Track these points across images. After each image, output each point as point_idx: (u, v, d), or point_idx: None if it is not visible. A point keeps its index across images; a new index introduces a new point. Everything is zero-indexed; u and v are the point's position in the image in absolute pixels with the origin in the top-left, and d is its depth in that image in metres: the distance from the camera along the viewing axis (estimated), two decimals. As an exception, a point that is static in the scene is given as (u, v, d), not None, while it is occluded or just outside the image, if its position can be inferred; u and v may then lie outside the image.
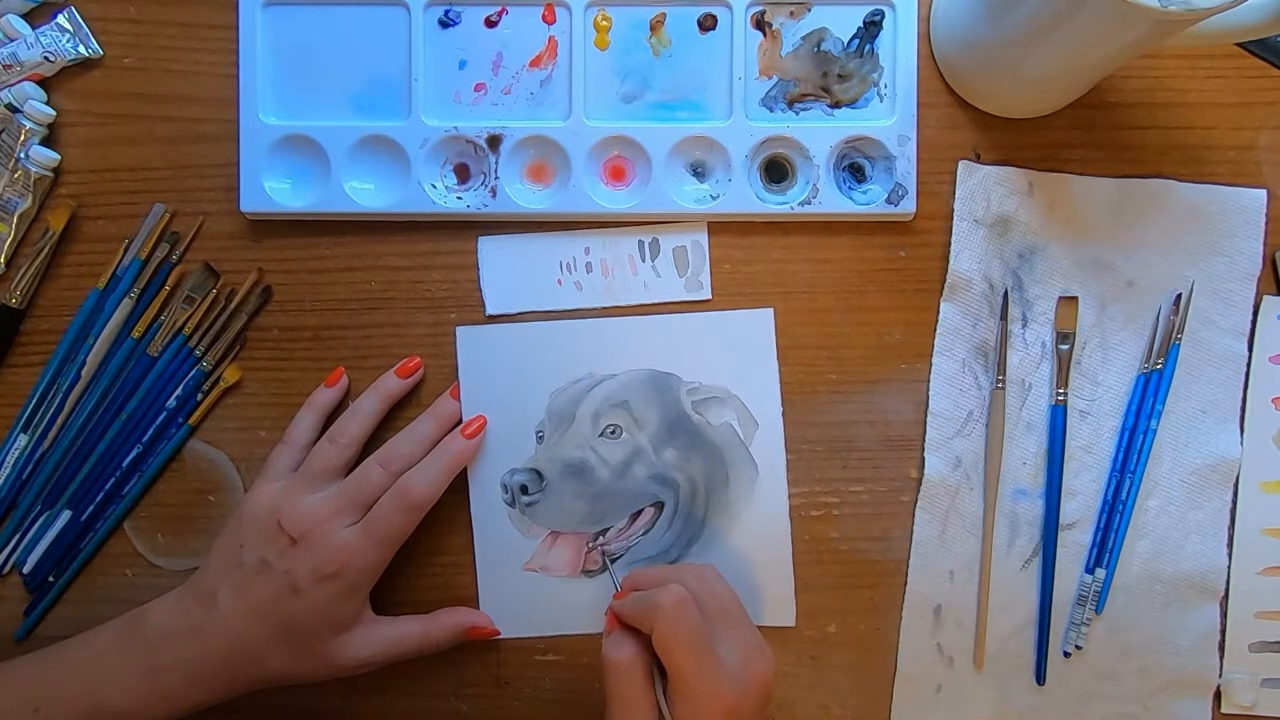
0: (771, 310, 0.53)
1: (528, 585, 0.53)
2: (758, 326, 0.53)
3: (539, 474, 0.52)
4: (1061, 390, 0.52)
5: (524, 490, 0.52)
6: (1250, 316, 0.53)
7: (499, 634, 0.52)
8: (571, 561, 0.53)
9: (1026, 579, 0.53)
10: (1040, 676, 0.52)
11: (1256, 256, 0.53)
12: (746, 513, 0.53)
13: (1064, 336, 0.53)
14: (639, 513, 0.53)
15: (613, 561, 0.52)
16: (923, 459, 0.53)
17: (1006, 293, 0.53)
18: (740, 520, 0.53)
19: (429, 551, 0.53)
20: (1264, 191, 0.53)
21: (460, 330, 0.53)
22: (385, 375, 0.52)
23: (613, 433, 0.52)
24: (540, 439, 0.53)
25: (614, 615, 0.46)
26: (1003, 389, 0.52)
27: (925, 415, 0.53)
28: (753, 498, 0.53)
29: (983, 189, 0.53)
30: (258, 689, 0.48)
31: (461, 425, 0.52)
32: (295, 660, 0.47)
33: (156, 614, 0.48)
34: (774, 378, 0.53)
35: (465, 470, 0.52)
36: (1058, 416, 0.52)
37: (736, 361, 0.53)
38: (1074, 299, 0.53)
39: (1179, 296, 0.52)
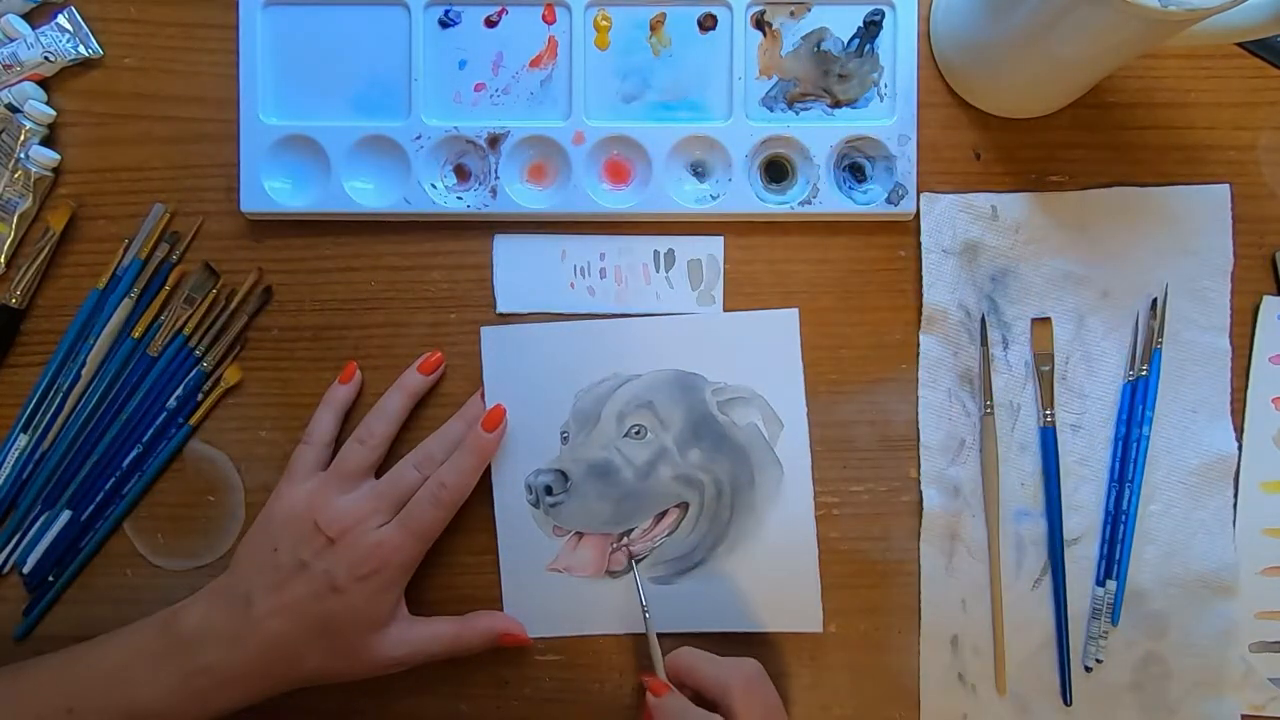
0: (796, 311, 0.53)
1: (552, 586, 0.52)
2: (783, 327, 0.53)
3: (564, 475, 0.52)
4: (1048, 411, 0.52)
5: (549, 491, 0.52)
6: (1228, 312, 0.52)
7: (530, 643, 0.52)
8: (596, 562, 0.52)
9: (1039, 599, 0.52)
10: (1066, 696, 0.52)
11: (1227, 251, 0.52)
12: (771, 514, 0.52)
13: (1043, 358, 0.52)
14: (664, 514, 0.52)
15: (637, 563, 0.52)
16: (920, 493, 0.53)
17: (984, 318, 0.52)
18: (765, 522, 0.52)
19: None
20: (1227, 186, 0.52)
21: (485, 330, 0.53)
22: (408, 371, 0.52)
23: (637, 433, 0.52)
24: (565, 440, 0.53)
25: (659, 681, 0.48)
26: (991, 414, 0.52)
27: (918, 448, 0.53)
28: (778, 499, 0.52)
29: (947, 218, 0.52)
30: (292, 690, 0.48)
31: (481, 419, 0.51)
32: (332, 658, 0.48)
33: (190, 617, 0.47)
34: (798, 378, 0.52)
35: (490, 470, 0.52)
36: (1048, 438, 0.52)
37: (761, 362, 0.52)
38: (1047, 320, 0.52)
39: (1155, 301, 0.52)
